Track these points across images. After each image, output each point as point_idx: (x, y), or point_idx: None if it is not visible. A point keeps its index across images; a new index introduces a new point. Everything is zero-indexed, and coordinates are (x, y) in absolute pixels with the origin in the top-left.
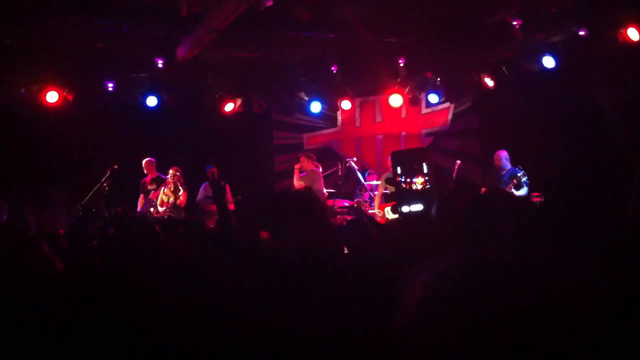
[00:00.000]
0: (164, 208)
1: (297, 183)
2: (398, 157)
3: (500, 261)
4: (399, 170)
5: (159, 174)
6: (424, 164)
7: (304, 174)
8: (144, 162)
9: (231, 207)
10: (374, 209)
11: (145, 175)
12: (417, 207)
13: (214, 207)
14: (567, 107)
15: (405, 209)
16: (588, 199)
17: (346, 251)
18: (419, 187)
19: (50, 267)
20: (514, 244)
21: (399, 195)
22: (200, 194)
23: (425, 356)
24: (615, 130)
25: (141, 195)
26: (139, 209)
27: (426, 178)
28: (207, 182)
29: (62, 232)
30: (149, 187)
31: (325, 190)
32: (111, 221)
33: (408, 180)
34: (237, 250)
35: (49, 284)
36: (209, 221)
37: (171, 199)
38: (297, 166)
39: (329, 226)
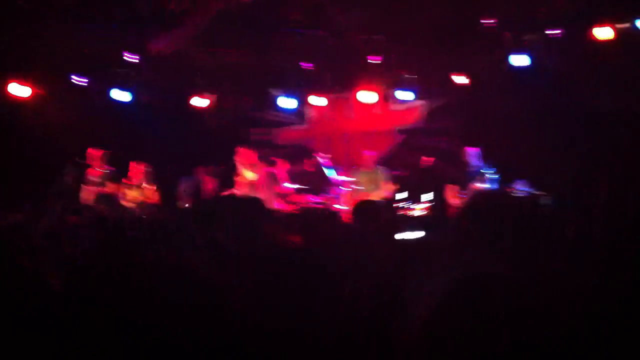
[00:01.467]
0: (132, 204)
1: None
2: (407, 181)
3: (504, 272)
4: (405, 194)
5: (106, 168)
6: (433, 191)
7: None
8: (90, 153)
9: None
10: (342, 206)
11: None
12: (418, 233)
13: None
14: (544, 107)
15: (399, 236)
16: (571, 198)
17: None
18: (419, 213)
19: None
20: (514, 247)
21: (395, 220)
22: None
23: None
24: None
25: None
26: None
27: (432, 204)
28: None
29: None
30: (93, 179)
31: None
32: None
33: (408, 205)
34: (236, 251)
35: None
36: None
37: (137, 195)
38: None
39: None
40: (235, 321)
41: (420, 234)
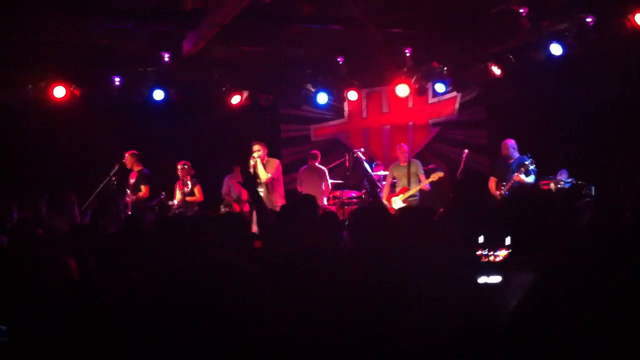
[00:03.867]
0: (176, 203)
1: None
2: (482, 228)
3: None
4: (481, 239)
5: (142, 168)
6: (507, 236)
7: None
8: (126, 155)
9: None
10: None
11: (130, 171)
12: (496, 278)
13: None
14: (574, 96)
15: (482, 279)
16: (594, 190)
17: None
18: (500, 259)
19: (62, 267)
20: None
21: (479, 265)
22: (225, 187)
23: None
24: None
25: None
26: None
27: (509, 251)
28: (228, 176)
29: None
30: (130, 181)
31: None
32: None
33: (490, 253)
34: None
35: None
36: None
37: (180, 195)
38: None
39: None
40: (237, 322)
41: (497, 278)
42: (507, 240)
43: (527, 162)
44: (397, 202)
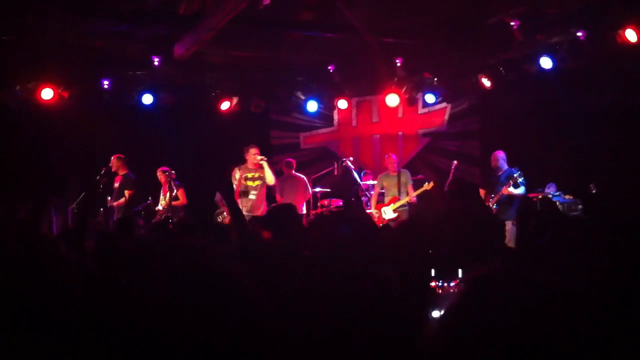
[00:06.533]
0: (162, 208)
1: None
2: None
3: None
4: (433, 272)
5: (127, 172)
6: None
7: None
8: (112, 158)
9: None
10: (370, 209)
11: (116, 174)
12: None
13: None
14: (566, 109)
15: (435, 314)
16: (588, 199)
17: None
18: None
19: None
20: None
21: (434, 299)
22: (218, 195)
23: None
24: None
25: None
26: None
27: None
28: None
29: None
30: (115, 185)
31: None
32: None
33: (445, 285)
34: (239, 250)
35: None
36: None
37: (166, 199)
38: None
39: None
40: (235, 322)
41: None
42: (460, 273)
43: (515, 175)
44: (388, 212)
